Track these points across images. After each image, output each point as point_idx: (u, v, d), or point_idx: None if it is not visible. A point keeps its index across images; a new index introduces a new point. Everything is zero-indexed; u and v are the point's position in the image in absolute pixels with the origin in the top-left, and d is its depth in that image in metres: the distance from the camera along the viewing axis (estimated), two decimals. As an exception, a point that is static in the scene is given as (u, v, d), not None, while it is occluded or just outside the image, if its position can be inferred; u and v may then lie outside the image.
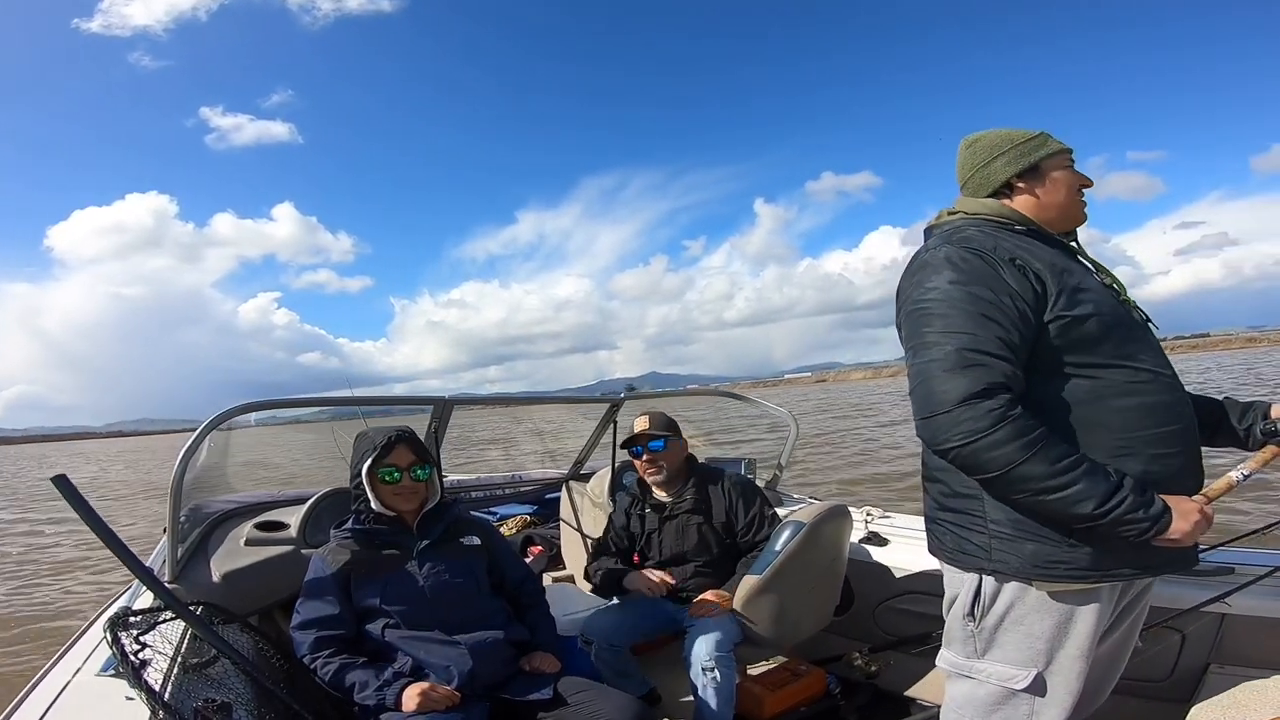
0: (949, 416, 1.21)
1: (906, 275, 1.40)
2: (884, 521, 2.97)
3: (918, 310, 1.32)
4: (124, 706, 1.36)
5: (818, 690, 2.54)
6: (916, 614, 2.57)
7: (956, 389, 1.20)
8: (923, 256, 1.38)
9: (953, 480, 1.38)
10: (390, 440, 1.90)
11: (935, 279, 1.32)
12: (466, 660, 1.78)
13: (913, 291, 1.35)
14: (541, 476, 3.93)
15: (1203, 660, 1.92)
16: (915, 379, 1.29)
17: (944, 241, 1.38)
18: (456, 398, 2.67)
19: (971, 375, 1.21)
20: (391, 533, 1.91)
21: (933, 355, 1.25)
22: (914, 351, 1.30)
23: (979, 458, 1.20)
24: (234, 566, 2.14)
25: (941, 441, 1.23)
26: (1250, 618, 1.87)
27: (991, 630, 1.36)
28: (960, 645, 1.42)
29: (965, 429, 1.19)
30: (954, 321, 1.26)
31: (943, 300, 1.29)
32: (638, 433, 2.62)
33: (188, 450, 1.94)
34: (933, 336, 1.27)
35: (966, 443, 1.20)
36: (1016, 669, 1.34)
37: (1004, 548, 1.31)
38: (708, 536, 2.55)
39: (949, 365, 1.22)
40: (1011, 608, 1.33)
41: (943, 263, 1.32)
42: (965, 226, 1.43)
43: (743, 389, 3.51)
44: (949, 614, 1.46)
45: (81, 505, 1.31)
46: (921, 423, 1.26)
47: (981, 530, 1.34)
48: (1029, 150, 1.46)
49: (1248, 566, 1.95)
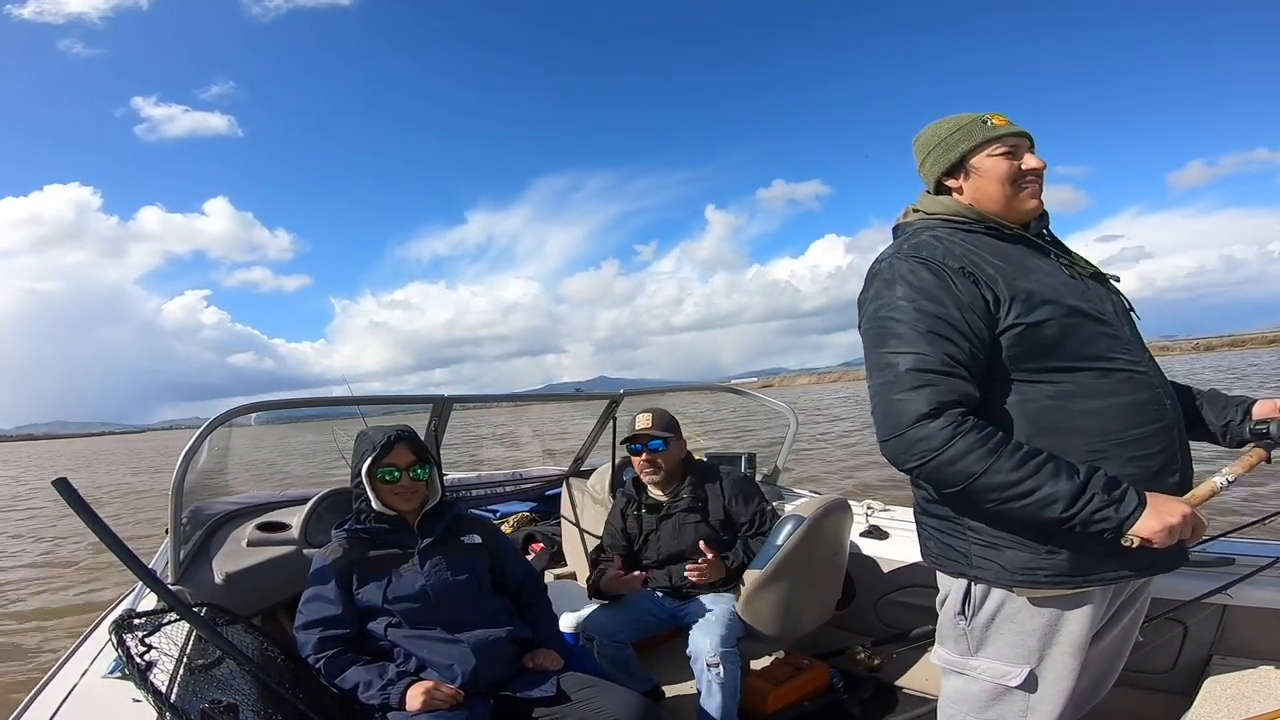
0: (904, 438, 1.21)
1: (865, 287, 1.39)
2: (885, 515, 2.98)
3: (872, 328, 1.32)
4: (131, 709, 1.36)
5: (821, 684, 2.55)
6: (918, 607, 2.58)
7: (908, 410, 1.21)
8: (877, 268, 1.37)
9: (930, 487, 1.37)
10: (390, 440, 1.90)
11: (887, 294, 1.31)
12: (469, 658, 1.78)
13: (868, 306, 1.35)
14: (542, 474, 3.93)
15: (1205, 652, 1.92)
16: (873, 400, 1.29)
17: (897, 251, 1.37)
18: (456, 396, 2.67)
19: (922, 395, 1.20)
20: (393, 532, 1.91)
21: (886, 377, 1.26)
22: (870, 371, 1.30)
23: (940, 474, 1.21)
24: (236, 567, 2.14)
25: (902, 462, 1.24)
26: (1252, 609, 1.88)
27: (983, 628, 1.35)
28: (953, 643, 1.42)
29: (921, 449, 1.20)
30: (905, 340, 1.25)
31: (892, 317, 1.28)
32: (639, 431, 2.60)
33: (188, 451, 1.94)
34: (886, 356, 1.27)
35: (925, 461, 1.20)
36: (1009, 666, 1.33)
37: (984, 554, 1.30)
38: (705, 534, 2.54)
39: (901, 386, 1.22)
40: (1001, 607, 1.32)
41: (895, 277, 1.32)
42: (921, 230, 1.40)
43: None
44: (941, 612, 1.45)
45: (83, 508, 1.31)
46: (883, 444, 1.26)
47: (961, 536, 1.33)
48: (952, 145, 1.41)
49: (1249, 557, 1.96)
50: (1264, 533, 2.15)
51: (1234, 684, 1.75)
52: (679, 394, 4.30)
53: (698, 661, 2.20)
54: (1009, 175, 1.38)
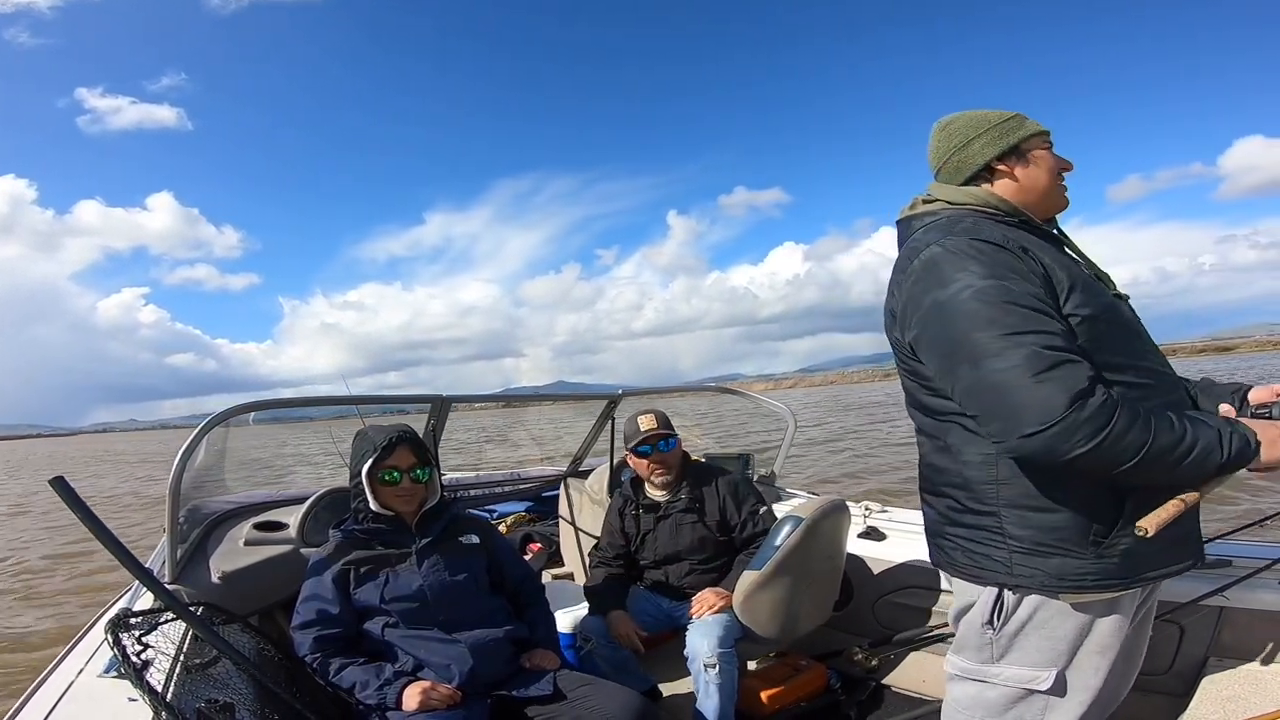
0: (1065, 423, 1.08)
1: (917, 274, 1.27)
2: (882, 516, 2.98)
3: (954, 312, 1.19)
4: (127, 708, 1.36)
5: (818, 685, 2.55)
6: (915, 608, 2.58)
7: (1059, 393, 1.08)
8: (931, 251, 1.25)
9: (963, 496, 1.31)
10: (391, 441, 1.89)
11: (961, 275, 1.19)
12: (467, 659, 1.78)
13: (938, 291, 1.22)
14: (540, 474, 3.93)
15: (1202, 653, 1.93)
16: (987, 393, 1.15)
17: (946, 234, 1.26)
18: (455, 396, 2.67)
19: (1069, 373, 1.10)
20: (391, 532, 1.91)
21: (1012, 361, 1.12)
22: (970, 362, 1.16)
23: (1112, 452, 1.09)
24: (233, 567, 2.14)
25: (1066, 451, 1.09)
26: (1249, 610, 1.88)
27: (1011, 636, 1.31)
28: (974, 651, 1.37)
29: (1087, 430, 1.08)
30: (1012, 320, 1.14)
31: (984, 298, 1.16)
32: (651, 432, 2.57)
33: (186, 451, 1.93)
34: (994, 342, 1.14)
35: (1095, 444, 1.08)
36: (1037, 670, 1.30)
37: (1026, 562, 1.25)
38: (702, 535, 2.55)
39: (1036, 369, 1.10)
40: (1035, 614, 1.28)
41: (962, 256, 1.21)
42: (960, 217, 1.32)
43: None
44: (960, 621, 1.41)
45: (80, 507, 1.30)
46: (1028, 439, 1.10)
47: (1000, 545, 1.27)
48: (1008, 130, 1.37)
49: (1246, 559, 1.96)
50: (1261, 535, 2.15)
51: (1230, 685, 1.76)
52: (669, 395, 4.30)
53: (695, 662, 2.20)
54: (1056, 168, 1.39)
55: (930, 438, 1.39)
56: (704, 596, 2.38)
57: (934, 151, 1.46)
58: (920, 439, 1.43)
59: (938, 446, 1.36)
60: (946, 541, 1.38)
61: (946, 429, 1.33)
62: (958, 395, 1.22)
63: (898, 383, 1.49)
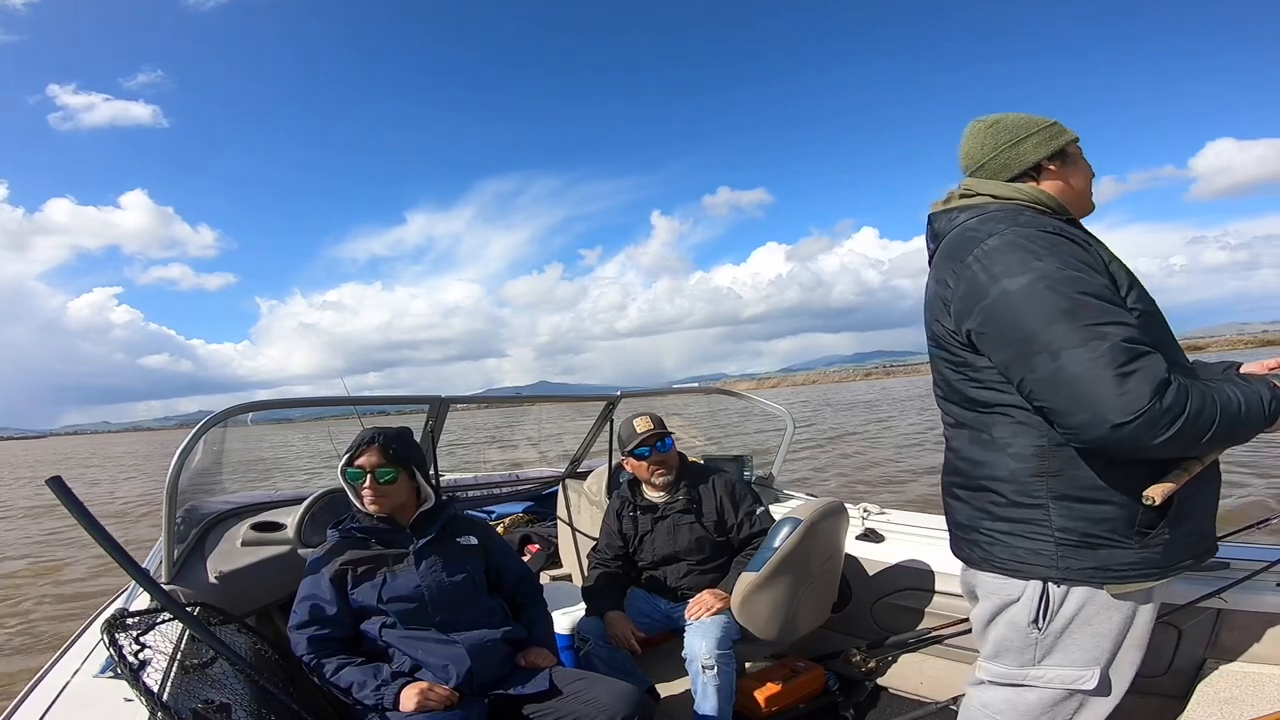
0: (1153, 411, 1.09)
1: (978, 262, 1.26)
2: (880, 518, 2.98)
3: (1030, 301, 1.18)
4: (123, 708, 1.35)
5: (816, 687, 2.55)
6: (913, 610, 2.58)
7: (1144, 384, 1.10)
8: (999, 239, 1.25)
9: (1009, 490, 1.30)
10: (361, 442, 1.89)
11: (1035, 263, 1.19)
12: (464, 659, 1.78)
13: (1011, 279, 1.20)
14: (538, 475, 3.93)
15: (1199, 655, 1.93)
16: (1072, 384, 1.14)
17: (1011, 223, 1.27)
18: (453, 397, 2.67)
19: (1149, 365, 1.11)
20: (388, 532, 1.91)
21: (1093, 353, 1.12)
22: (1050, 354, 1.15)
23: (1191, 434, 1.12)
24: (230, 567, 2.14)
25: (1152, 438, 1.10)
26: (1246, 612, 1.88)
27: (1057, 635, 1.31)
28: (1015, 655, 1.36)
29: (1171, 415, 1.10)
30: (1091, 312, 1.14)
31: (1060, 289, 1.16)
32: (649, 433, 2.58)
33: (183, 451, 1.93)
34: (1073, 333, 1.13)
35: (1180, 425, 1.10)
36: (1081, 670, 1.30)
37: (1073, 555, 1.26)
38: (700, 535, 2.55)
39: (1120, 361, 1.11)
40: (1081, 609, 1.28)
41: (1034, 246, 1.21)
42: (1019, 210, 1.34)
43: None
44: (991, 625, 1.40)
45: (77, 507, 1.30)
46: (1118, 430, 1.10)
47: (1047, 539, 1.27)
48: (1057, 133, 1.41)
49: (1243, 561, 1.96)
50: (1258, 536, 2.15)
51: (1227, 687, 1.76)
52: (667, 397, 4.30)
53: (693, 664, 2.20)
54: (1090, 173, 1.43)
55: (971, 430, 1.37)
56: (702, 598, 2.38)
57: (977, 148, 1.47)
58: (956, 433, 1.42)
59: (980, 440, 1.35)
60: (983, 537, 1.36)
61: (992, 422, 1.32)
62: (1031, 386, 1.20)
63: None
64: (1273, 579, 1.91)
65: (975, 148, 1.47)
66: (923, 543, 2.70)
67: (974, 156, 1.47)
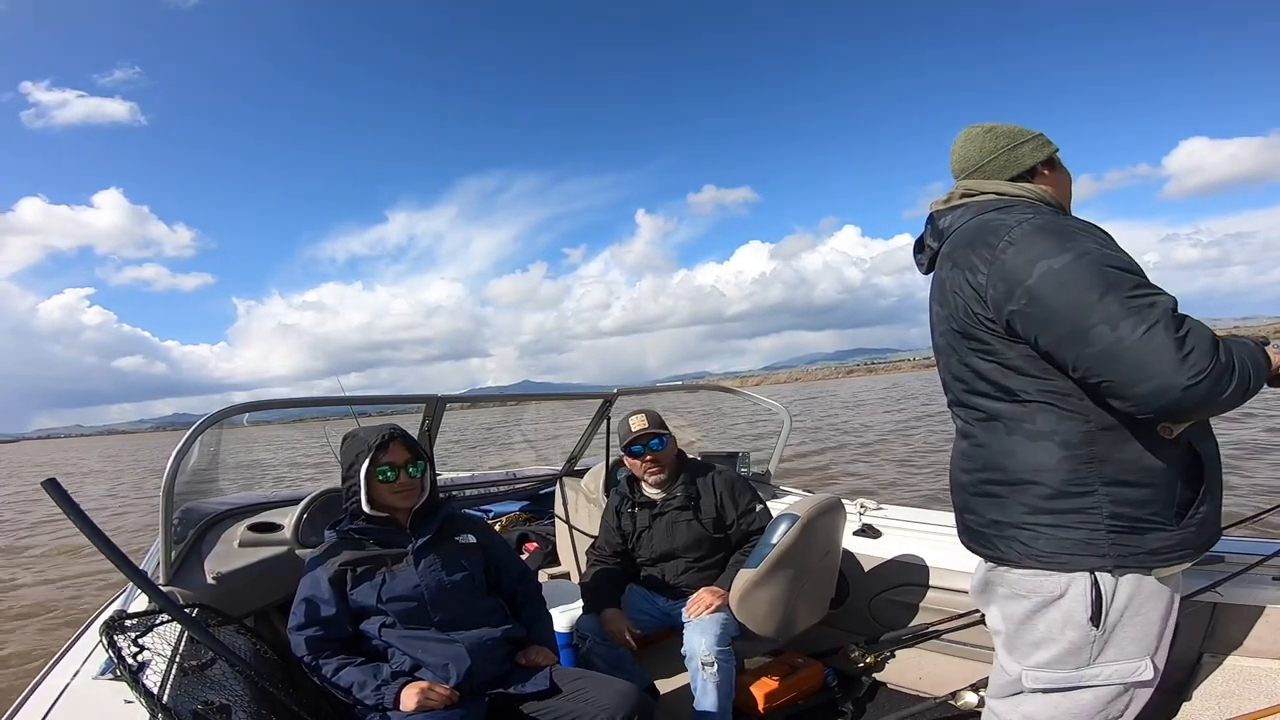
0: (1214, 370, 1.12)
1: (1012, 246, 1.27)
2: (877, 514, 2.99)
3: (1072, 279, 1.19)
4: (122, 709, 1.35)
5: (815, 683, 2.56)
6: (911, 606, 2.59)
7: (1201, 344, 1.12)
8: (1028, 225, 1.28)
9: (1056, 479, 1.28)
10: (385, 439, 1.89)
11: (1072, 243, 1.22)
12: (464, 659, 1.78)
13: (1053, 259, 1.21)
14: (535, 473, 3.93)
15: (1195, 650, 1.93)
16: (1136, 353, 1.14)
17: (1034, 212, 1.33)
18: (450, 396, 2.67)
19: (1197, 327, 1.14)
20: (387, 532, 1.91)
21: (1149, 320, 1.13)
22: (1109, 324, 1.15)
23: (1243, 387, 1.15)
24: (228, 568, 2.13)
25: (1219, 392, 1.13)
26: (1241, 606, 1.89)
27: (1113, 628, 1.29)
28: (1071, 657, 1.32)
29: (1229, 370, 1.13)
30: (1138, 284, 1.17)
31: (1103, 263, 1.19)
32: (642, 432, 2.60)
33: (179, 452, 1.92)
34: (1125, 303, 1.15)
35: (1236, 382, 1.14)
36: (1135, 661, 1.30)
37: (1126, 541, 1.26)
38: (698, 532, 2.56)
39: (1178, 326, 1.13)
40: (1133, 599, 1.28)
41: (1066, 226, 1.26)
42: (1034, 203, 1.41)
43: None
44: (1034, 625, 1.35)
45: (73, 509, 1.29)
46: (1190, 390, 1.11)
47: (1098, 526, 1.26)
48: (1045, 142, 1.49)
49: (1238, 555, 1.97)
50: (1253, 530, 2.17)
51: (1223, 682, 1.77)
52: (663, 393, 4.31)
53: (692, 661, 2.21)
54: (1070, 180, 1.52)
55: (1007, 422, 1.35)
56: (700, 597, 2.38)
57: (975, 151, 1.50)
58: (986, 427, 1.39)
59: (1020, 430, 1.33)
60: (1025, 532, 1.33)
61: (1035, 411, 1.31)
62: (1089, 361, 1.19)
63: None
64: (1268, 573, 1.92)
65: (973, 151, 1.51)
66: (920, 538, 2.71)
67: (971, 159, 1.51)
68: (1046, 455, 1.29)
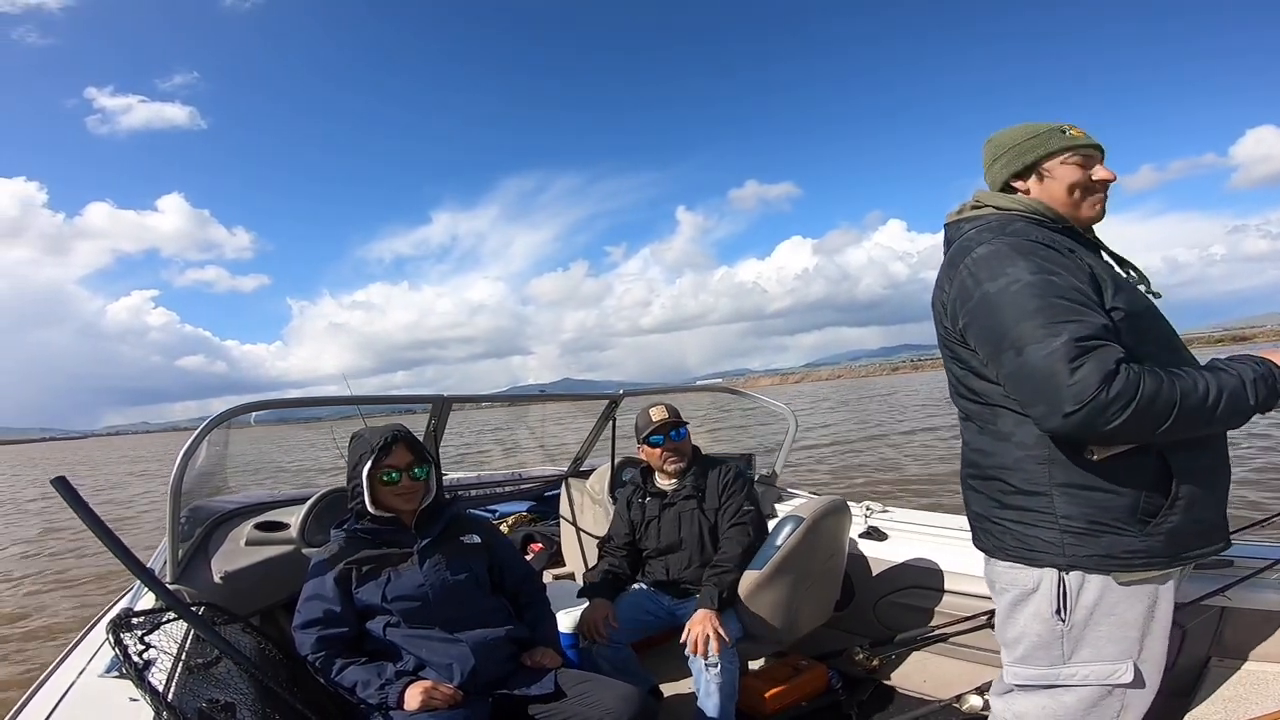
0: (1098, 401, 1.15)
1: (970, 269, 1.35)
2: (883, 516, 2.98)
3: (1002, 304, 1.27)
4: (128, 708, 1.36)
5: (819, 685, 2.55)
6: (916, 608, 2.58)
7: (1090, 374, 1.16)
8: (985, 249, 1.34)
9: (1014, 478, 1.36)
10: (388, 441, 1.89)
11: (1011, 269, 1.28)
12: (469, 658, 1.78)
13: (989, 284, 1.30)
14: (541, 474, 3.93)
15: (1203, 654, 1.92)
16: (1030, 378, 1.22)
17: (998, 234, 1.36)
18: (455, 396, 2.67)
19: (1099, 357, 1.17)
20: (392, 531, 1.91)
21: (1046, 349, 1.20)
22: (1015, 350, 1.24)
23: (1147, 416, 1.17)
24: (235, 567, 2.14)
25: (1104, 423, 1.17)
26: (1250, 610, 1.88)
27: (1082, 626, 1.32)
28: (1044, 653, 1.37)
29: (1120, 402, 1.15)
30: (1053, 312, 1.22)
31: (1031, 291, 1.24)
32: (663, 421, 2.65)
33: (187, 450, 1.93)
34: (1036, 330, 1.22)
35: (1130, 411, 1.15)
36: (1115, 664, 1.31)
37: (1078, 542, 1.29)
38: (703, 524, 2.57)
39: (1071, 355, 1.18)
40: (1102, 598, 1.30)
41: (1012, 253, 1.30)
42: (1011, 219, 1.42)
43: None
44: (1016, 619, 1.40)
45: (81, 507, 1.30)
46: (1066, 420, 1.18)
47: (1052, 526, 1.31)
48: (1027, 149, 1.47)
49: (1247, 559, 1.96)
50: (1261, 535, 2.15)
51: (1231, 686, 1.76)
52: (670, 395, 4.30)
53: (696, 662, 2.20)
54: (1079, 183, 1.44)
55: (979, 422, 1.44)
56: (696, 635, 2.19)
57: (983, 161, 1.59)
58: (966, 425, 1.49)
59: (988, 431, 1.41)
60: (996, 525, 1.42)
61: (996, 414, 1.38)
62: (1004, 380, 1.30)
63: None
64: (1277, 577, 1.91)
65: (983, 160, 1.58)
66: (926, 541, 2.70)
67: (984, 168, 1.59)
68: (1007, 454, 1.37)
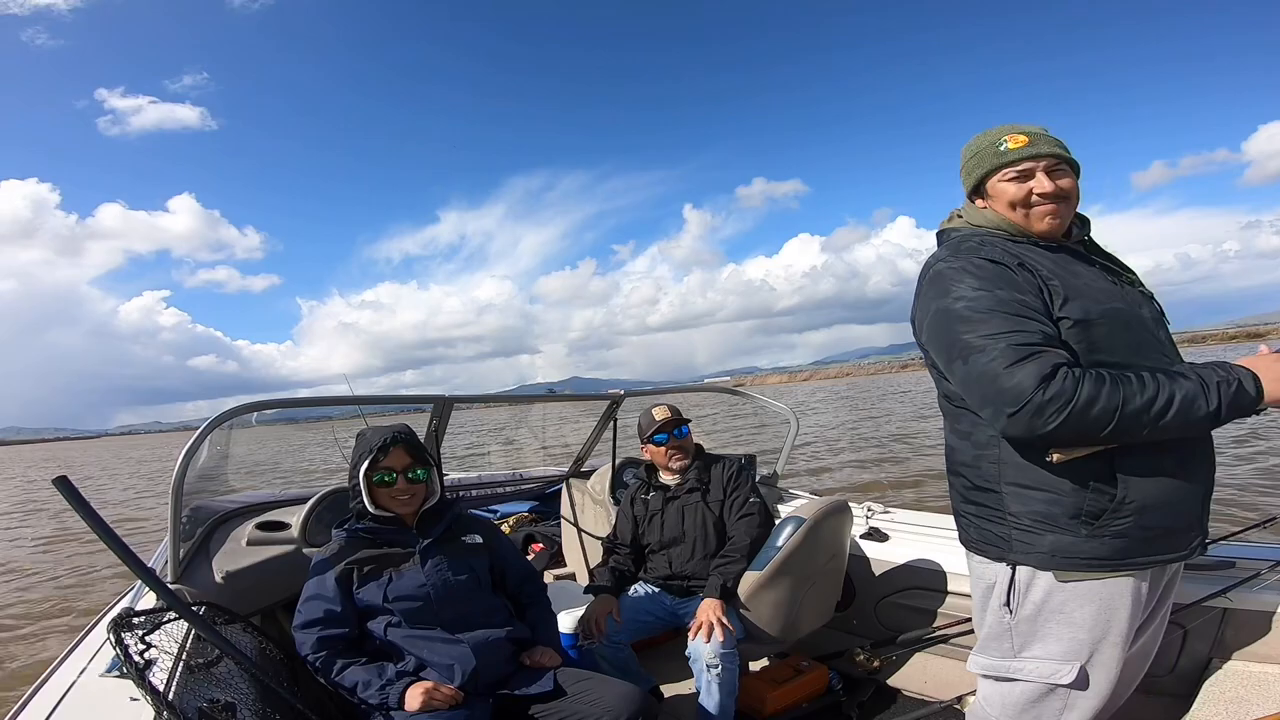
0: (1034, 403, 1.19)
1: (926, 286, 1.44)
2: (884, 517, 2.98)
3: (950, 318, 1.34)
4: (129, 707, 1.36)
5: (820, 686, 2.55)
6: (918, 609, 2.58)
7: (1027, 377, 1.20)
8: (938, 268, 1.42)
9: (972, 475, 1.43)
10: (386, 442, 1.89)
11: (958, 287, 1.35)
12: (469, 658, 1.78)
13: (939, 301, 1.38)
14: (542, 474, 3.93)
15: (1205, 655, 1.92)
16: (976, 384, 1.29)
17: (953, 252, 1.43)
18: (457, 396, 2.67)
19: (1035, 362, 1.22)
20: (393, 531, 1.91)
21: (989, 356, 1.26)
22: (962, 359, 1.31)
23: (1086, 419, 1.19)
24: (236, 566, 2.14)
25: (1041, 426, 1.20)
26: (1252, 612, 1.87)
27: (1029, 621, 1.36)
28: (996, 644, 1.43)
29: (1056, 405, 1.19)
30: (994, 323, 1.28)
31: (974, 306, 1.31)
32: (666, 420, 2.69)
33: (189, 450, 1.93)
34: (978, 340, 1.28)
35: (1066, 414, 1.18)
36: (1060, 663, 1.35)
37: (1023, 539, 1.35)
38: (707, 517, 2.58)
39: (1009, 360, 1.23)
40: (1049, 597, 1.34)
41: (960, 272, 1.37)
42: (970, 236, 1.47)
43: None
44: (983, 611, 1.47)
45: (83, 506, 1.30)
46: (1010, 420, 1.23)
47: (1001, 522, 1.38)
48: (971, 169, 1.53)
49: (1249, 560, 1.96)
50: (1263, 536, 2.15)
51: (1233, 687, 1.75)
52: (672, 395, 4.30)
53: (697, 662, 2.20)
54: (1018, 199, 1.45)
55: (950, 421, 1.51)
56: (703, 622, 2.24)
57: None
58: (945, 424, 1.56)
59: (954, 430, 1.49)
60: (963, 519, 1.51)
61: (960, 414, 1.46)
62: (958, 387, 1.38)
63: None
64: (1279, 578, 1.90)
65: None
66: (927, 542, 2.70)
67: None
68: (968, 452, 1.45)
